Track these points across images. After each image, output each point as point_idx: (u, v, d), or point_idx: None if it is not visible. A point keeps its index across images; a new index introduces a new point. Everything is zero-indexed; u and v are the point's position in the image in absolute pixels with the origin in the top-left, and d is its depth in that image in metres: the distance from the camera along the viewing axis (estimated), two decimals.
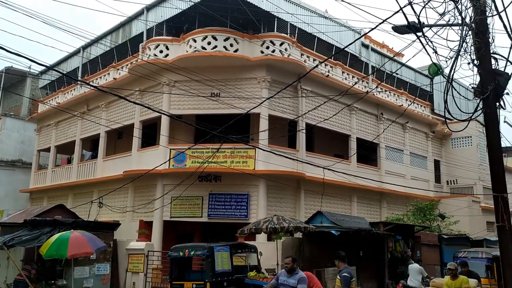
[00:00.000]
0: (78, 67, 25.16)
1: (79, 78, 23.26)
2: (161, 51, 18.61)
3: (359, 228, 14.34)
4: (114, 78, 20.98)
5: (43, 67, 24.31)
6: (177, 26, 19.21)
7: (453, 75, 7.06)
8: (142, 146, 19.24)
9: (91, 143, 24.40)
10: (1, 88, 30.94)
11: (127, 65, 20.19)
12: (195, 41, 17.92)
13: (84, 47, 24.45)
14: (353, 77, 21.71)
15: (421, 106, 27.09)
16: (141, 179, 16.03)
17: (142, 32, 20.77)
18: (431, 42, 6.91)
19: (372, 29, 7.66)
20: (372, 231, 14.55)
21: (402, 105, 23.91)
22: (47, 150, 26.23)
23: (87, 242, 11.20)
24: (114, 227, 15.42)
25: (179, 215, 17.50)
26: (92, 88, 17.37)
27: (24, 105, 30.84)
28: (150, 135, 19.14)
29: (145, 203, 17.59)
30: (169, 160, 16.71)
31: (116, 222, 17.57)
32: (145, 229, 17.77)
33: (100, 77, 22.67)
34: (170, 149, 17.34)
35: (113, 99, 20.66)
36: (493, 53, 7.29)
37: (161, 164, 15.75)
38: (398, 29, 7.81)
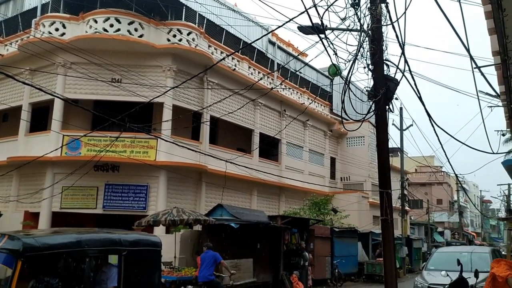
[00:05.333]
0: None
1: None
2: (57, 29, 17.23)
3: (257, 221, 14.65)
4: (1, 55, 18.99)
5: None
6: (76, 4, 17.88)
7: (350, 77, 7.46)
8: (31, 130, 17.75)
9: None
10: None
11: (16, 41, 18.44)
12: (96, 21, 16.85)
13: None
14: (259, 72, 22.09)
15: (321, 105, 28.48)
16: (28, 167, 14.67)
17: (36, 7, 19.11)
18: (332, 44, 7.21)
19: (279, 26, 7.80)
20: (270, 224, 14.97)
21: (304, 103, 24.91)
22: None
23: None
24: None
25: (70, 206, 16.42)
26: None
27: None
28: (40, 119, 17.65)
29: (31, 192, 16.18)
30: (61, 147, 15.59)
31: None
32: (31, 220, 16.39)
33: None
34: (63, 135, 16.17)
35: None
36: (386, 60, 7.84)
37: (52, 151, 14.53)
38: (303, 29, 8.05)
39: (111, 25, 16.76)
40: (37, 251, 5.26)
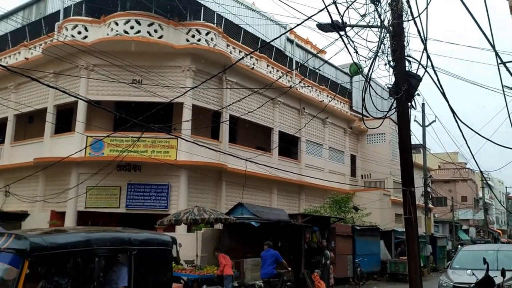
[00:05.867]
0: None
1: None
2: (79, 32, 17.54)
3: (278, 220, 14.67)
4: (25, 58, 19.43)
5: None
6: (97, 7, 18.17)
7: (371, 74, 7.38)
8: (56, 132, 18.12)
9: None
10: None
11: (40, 45, 18.82)
12: (117, 24, 17.09)
13: None
14: (277, 71, 22.05)
15: (340, 102, 28.27)
16: (54, 167, 15.02)
17: (59, 11, 19.44)
18: (352, 42, 7.16)
19: (298, 25, 7.80)
20: (291, 223, 14.95)
21: (323, 100, 24.76)
22: None
23: None
24: (22, 218, 14.42)
25: (94, 205, 16.73)
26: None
27: None
28: (65, 121, 18.03)
29: (57, 192, 16.53)
30: (85, 147, 15.86)
31: (24, 212, 16.48)
32: (57, 219, 16.75)
33: (10, 56, 20.87)
34: (87, 136, 16.48)
35: (24, 81, 19.12)
36: (408, 56, 7.74)
37: (76, 152, 14.80)
38: (322, 27, 8.00)
39: (132, 27, 16.98)
40: (44, 251, 5.05)
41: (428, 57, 7.59)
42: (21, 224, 13.77)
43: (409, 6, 7.35)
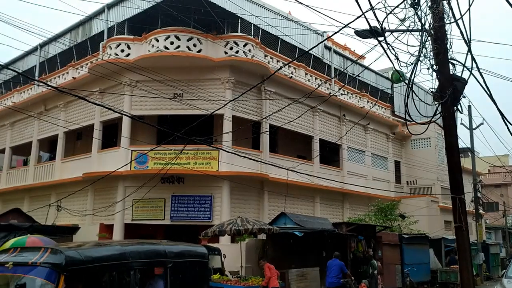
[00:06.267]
0: (35, 65, 24.20)
1: (36, 77, 22.38)
2: (122, 51, 18.18)
3: (322, 229, 14.49)
4: (73, 78, 20.31)
5: None
6: (138, 26, 18.81)
7: (413, 80, 7.21)
8: (103, 147, 18.73)
9: (48, 144, 23.49)
10: None
11: (87, 64, 19.61)
12: (157, 40, 17.60)
13: (42, 45, 23.55)
14: (316, 78, 21.94)
15: (382, 108, 27.73)
16: (101, 181, 15.57)
17: (103, 31, 20.23)
18: (393, 48, 7.02)
19: (335, 32, 7.73)
20: (335, 232, 14.73)
21: (364, 106, 24.37)
22: (2, 151, 25.05)
23: None
24: (73, 231, 14.96)
25: (140, 217, 17.14)
26: (50, 87, 16.72)
27: None
28: (110, 136, 18.64)
29: (105, 206, 17.08)
30: (130, 161, 16.33)
31: (75, 225, 17.09)
32: (106, 232, 17.29)
33: (59, 76, 21.89)
34: (132, 150, 16.96)
35: (72, 99, 20.00)
36: (451, 58, 7.51)
37: (122, 166, 15.31)
38: (360, 34, 7.92)
39: (171, 43, 17.42)
40: (80, 265, 5.04)
41: (473, 58, 7.34)
42: (73, 238, 14.30)
43: (451, 8, 7.15)
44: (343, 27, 7.19)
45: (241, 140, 17.08)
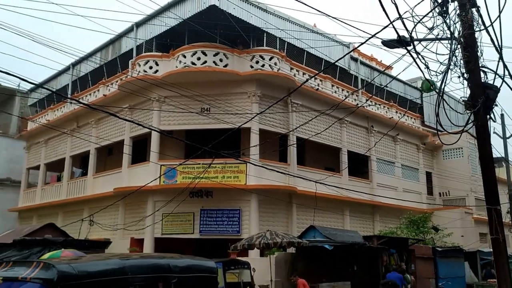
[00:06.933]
0: (68, 84, 25.00)
1: (69, 95, 23.08)
2: (150, 67, 18.58)
3: (352, 242, 14.24)
4: (104, 95, 20.86)
5: (32, 85, 24.10)
6: (166, 43, 19.22)
7: (443, 89, 7.07)
8: (133, 162, 19.07)
9: (81, 160, 24.12)
10: None
11: (117, 81, 20.10)
12: (184, 56, 17.91)
13: (74, 64, 24.34)
14: (342, 90, 21.81)
15: (411, 118, 27.25)
16: (131, 196, 15.85)
17: (132, 49, 20.74)
18: (423, 58, 6.92)
19: (362, 43, 7.71)
20: (366, 245, 14.46)
21: (392, 117, 24.02)
22: (37, 168, 25.89)
23: None
24: (105, 245, 15.17)
25: (170, 232, 17.28)
26: (81, 105, 17.22)
27: (13, 123, 30.49)
28: (140, 151, 18.98)
29: (136, 220, 17.33)
30: (159, 176, 16.55)
31: (107, 240, 17.34)
32: (136, 246, 17.49)
33: (90, 94, 22.54)
34: (161, 165, 17.19)
35: (103, 116, 20.52)
36: (482, 66, 7.34)
37: (152, 181, 15.57)
38: (388, 44, 7.85)
39: (198, 58, 17.70)
40: (74, 280, 4.68)
41: (505, 66, 7.16)
42: (105, 252, 14.51)
43: (480, 16, 7.01)
44: (370, 37, 7.16)
45: (268, 153, 17.08)
